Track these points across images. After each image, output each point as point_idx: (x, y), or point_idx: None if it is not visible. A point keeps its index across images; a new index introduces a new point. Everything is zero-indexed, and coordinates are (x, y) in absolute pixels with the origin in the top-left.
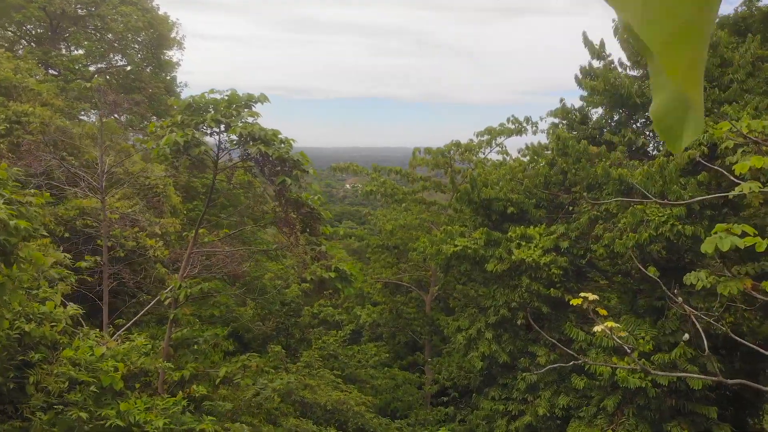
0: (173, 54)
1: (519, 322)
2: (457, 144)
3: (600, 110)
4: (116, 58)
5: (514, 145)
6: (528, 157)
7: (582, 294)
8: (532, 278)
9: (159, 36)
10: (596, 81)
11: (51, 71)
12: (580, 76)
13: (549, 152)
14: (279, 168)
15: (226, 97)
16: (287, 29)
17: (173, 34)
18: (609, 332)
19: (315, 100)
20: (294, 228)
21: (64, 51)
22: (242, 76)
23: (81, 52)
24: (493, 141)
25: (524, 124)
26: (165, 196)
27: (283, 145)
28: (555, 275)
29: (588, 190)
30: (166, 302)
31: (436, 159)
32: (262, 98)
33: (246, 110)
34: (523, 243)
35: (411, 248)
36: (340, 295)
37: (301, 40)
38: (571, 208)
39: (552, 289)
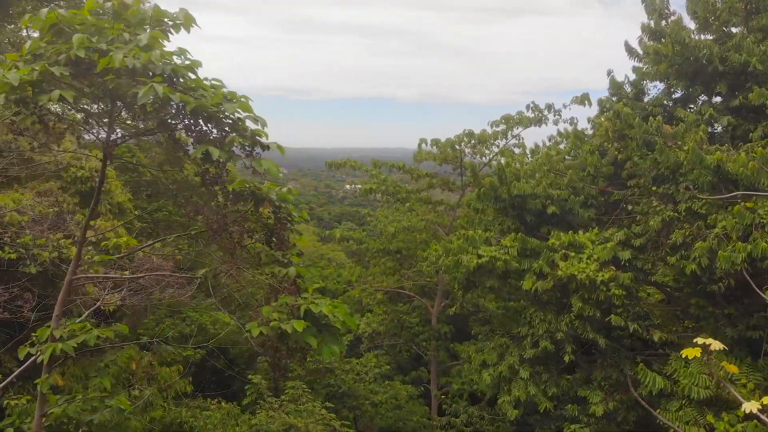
0: None
1: (567, 359)
2: (470, 134)
3: (658, 84)
4: None
5: (528, 138)
6: (566, 144)
7: (700, 339)
8: (585, 301)
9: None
10: (662, 43)
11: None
12: (631, 43)
13: (588, 138)
14: (209, 131)
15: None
16: (287, 30)
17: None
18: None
19: (315, 101)
20: (238, 238)
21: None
22: (242, 77)
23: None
24: (509, 132)
25: (545, 113)
26: (103, 192)
27: (209, 92)
28: (616, 297)
29: (657, 182)
30: (40, 360)
31: (444, 152)
32: (187, 19)
33: (149, 33)
34: (572, 253)
35: (419, 256)
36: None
37: (301, 41)
38: (630, 207)
39: (613, 315)
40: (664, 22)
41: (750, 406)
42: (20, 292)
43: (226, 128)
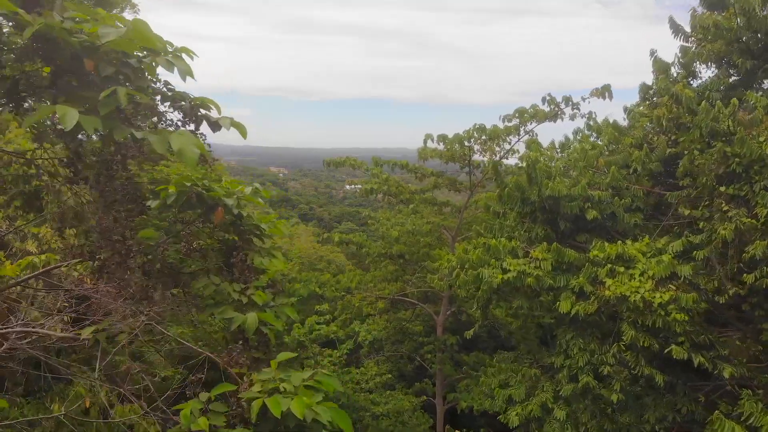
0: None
1: (615, 399)
2: (481, 129)
3: (711, 67)
4: None
5: (541, 135)
6: (596, 138)
7: None
8: (638, 327)
9: None
10: (721, 15)
11: None
12: (677, 18)
13: (628, 130)
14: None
15: None
16: (287, 30)
17: None
18: None
19: (315, 101)
20: (158, 270)
21: None
22: (241, 78)
23: None
24: (522, 128)
25: (562, 106)
26: (52, 193)
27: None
28: (677, 324)
29: (724, 181)
30: None
31: (451, 149)
32: None
33: None
34: (620, 268)
35: (428, 266)
36: None
37: (301, 41)
38: (687, 211)
39: (674, 345)
40: None
41: None
42: None
43: (120, 78)
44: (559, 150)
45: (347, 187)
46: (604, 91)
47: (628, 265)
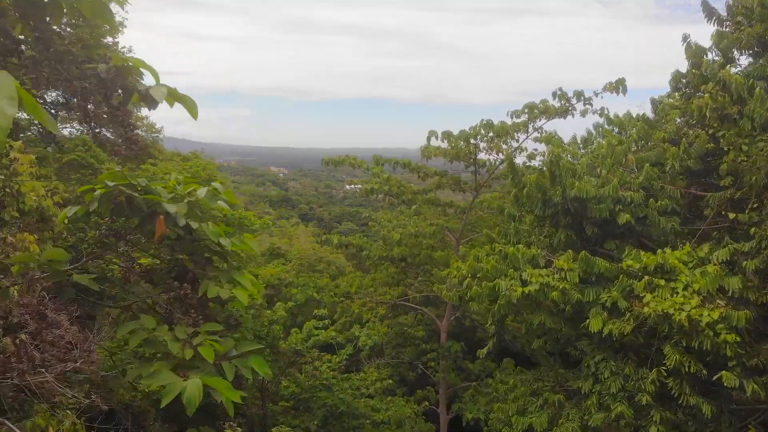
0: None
1: None
2: (488, 125)
3: (746, 54)
4: None
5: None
6: (631, 133)
7: None
8: (683, 349)
9: None
10: None
11: None
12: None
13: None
14: None
15: None
16: (287, 30)
17: None
18: None
19: (314, 102)
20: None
21: None
22: (241, 77)
23: None
24: (531, 124)
25: (573, 101)
26: (13, 193)
27: None
28: (727, 346)
29: None
30: None
31: (456, 147)
32: None
33: None
34: (660, 281)
35: (435, 275)
36: None
37: (301, 41)
38: (732, 214)
39: (724, 372)
40: None
41: None
42: None
43: None
44: (581, 146)
45: (347, 187)
46: (618, 86)
47: (668, 277)
